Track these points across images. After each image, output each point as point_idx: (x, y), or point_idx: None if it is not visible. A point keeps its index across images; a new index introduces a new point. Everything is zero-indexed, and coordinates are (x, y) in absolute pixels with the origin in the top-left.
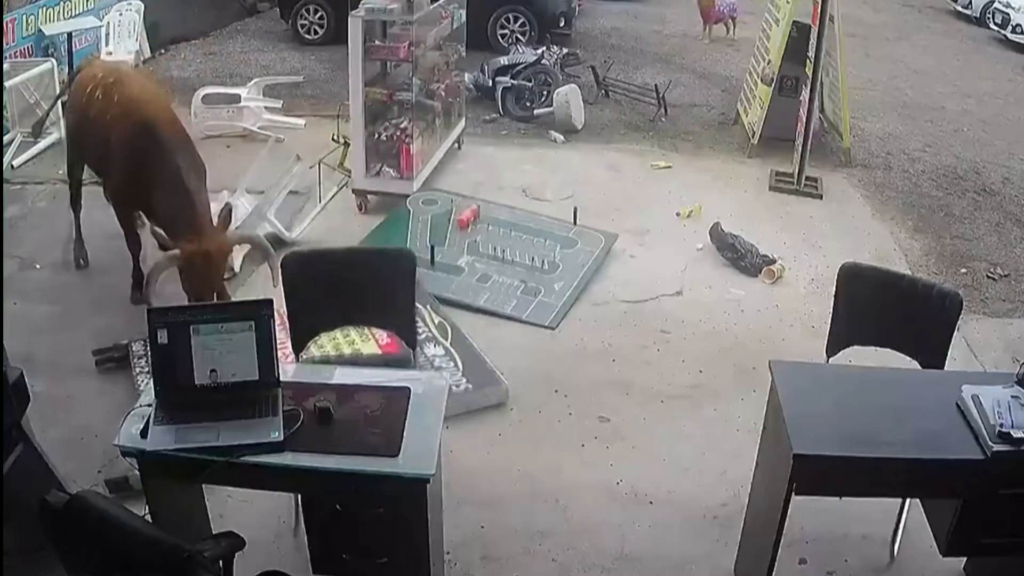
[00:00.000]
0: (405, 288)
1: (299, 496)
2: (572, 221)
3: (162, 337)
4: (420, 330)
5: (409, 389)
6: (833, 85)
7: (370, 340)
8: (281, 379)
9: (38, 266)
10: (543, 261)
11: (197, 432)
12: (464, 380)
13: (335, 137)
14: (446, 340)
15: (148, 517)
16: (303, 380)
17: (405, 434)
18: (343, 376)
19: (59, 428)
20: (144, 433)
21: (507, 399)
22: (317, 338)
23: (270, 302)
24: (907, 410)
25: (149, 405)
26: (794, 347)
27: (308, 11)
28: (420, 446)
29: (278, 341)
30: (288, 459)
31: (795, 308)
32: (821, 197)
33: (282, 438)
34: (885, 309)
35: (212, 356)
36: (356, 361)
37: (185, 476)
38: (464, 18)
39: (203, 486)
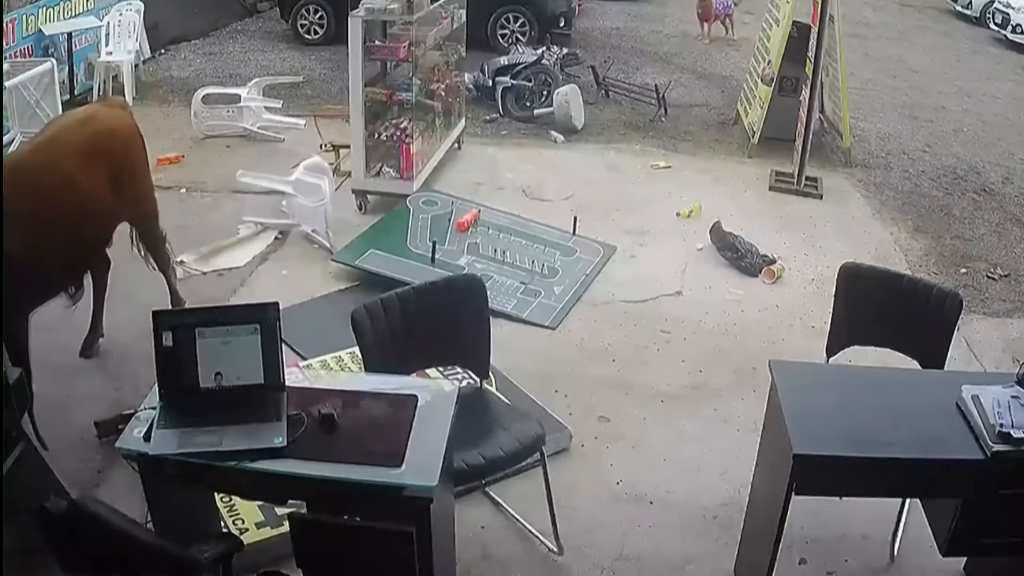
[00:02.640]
0: (478, 317)
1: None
2: (572, 231)
3: (167, 340)
4: (460, 376)
5: (416, 397)
6: (833, 85)
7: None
8: (287, 384)
9: None
10: (543, 266)
11: (201, 436)
12: None
13: (323, 145)
14: (491, 387)
15: (149, 518)
16: (309, 385)
17: (410, 444)
18: (349, 383)
19: (59, 428)
20: (147, 436)
21: (570, 444)
22: None
23: (276, 305)
24: (907, 410)
25: (153, 408)
26: (794, 347)
27: (308, 11)
28: (424, 457)
29: None
30: (289, 466)
31: (795, 308)
32: (821, 197)
33: (285, 443)
34: (885, 309)
35: (217, 359)
36: None
37: (188, 480)
38: (464, 18)
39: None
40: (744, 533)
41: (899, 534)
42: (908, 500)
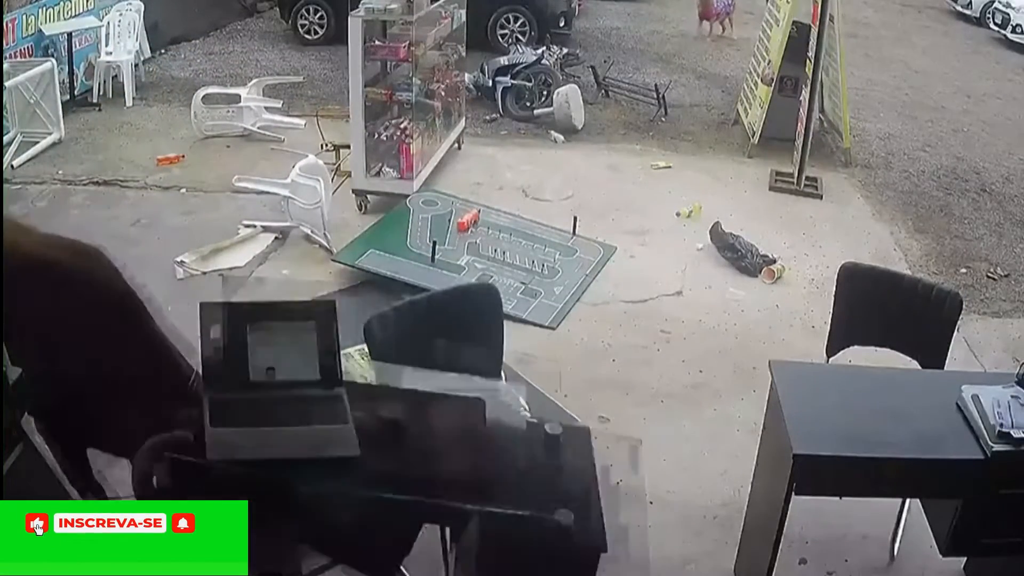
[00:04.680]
0: (493, 326)
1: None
2: (572, 231)
3: (215, 333)
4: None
5: (483, 403)
6: (833, 85)
7: None
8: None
9: None
10: (543, 266)
11: (258, 439)
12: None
13: (324, 145)
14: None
15: None
16: (363, 381)
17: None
18: (410, 379)
19: None
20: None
21: None
22: None
23: (332, 304)
24: (907, 410)
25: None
26: (794, 347)
27: (308, 11)
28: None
29: None
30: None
31: (795, 308)
32: (821, 197)
33: (357, 453)
34: (885, 309)
35: (269, 356)
36: None
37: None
38: (464, 18)
39: None
40: (744, 533)
41: (899, 534)
42: (908, 500)
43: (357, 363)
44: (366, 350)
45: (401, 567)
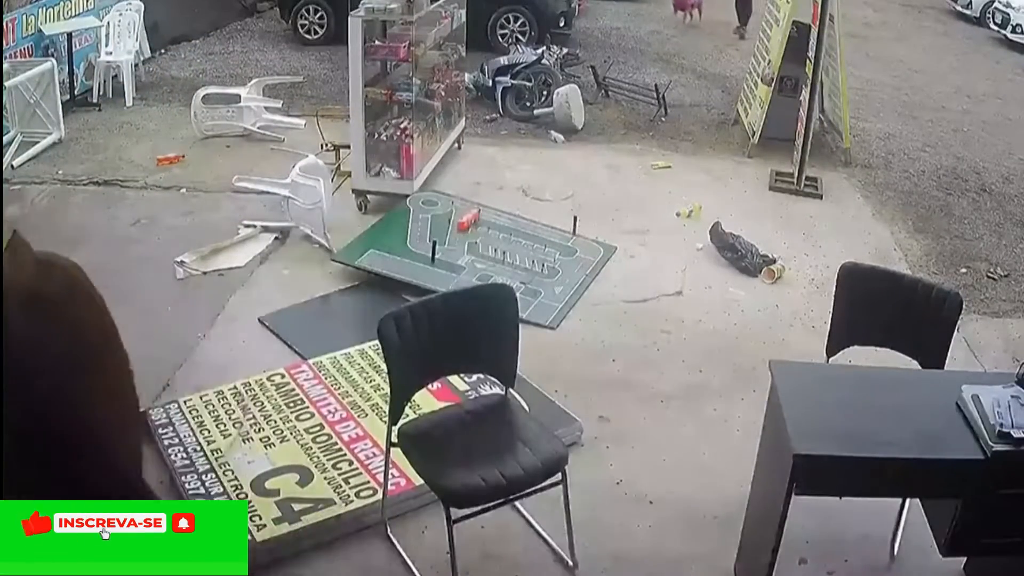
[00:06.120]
0: (508, 324)
1: None
2: (572, 231)
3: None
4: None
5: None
6: (833, 85)
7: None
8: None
9: None
10: (543, 266)
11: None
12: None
13: (324, 145)
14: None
15: None
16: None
17: None
18: None
19: None
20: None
21: (581, 438)
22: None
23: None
24: (907, 410)
25: None
26: (794, 347)
27: (308, 11)
28: None
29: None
30: None
31: (795, 308)
32: (821, 197)
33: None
34: (885, 309)
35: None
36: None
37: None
38: (464, 18)
39: None
40: (744, 533)
41: (899, 534)
42: (908, 500)
43: (357, 363)
44: (366, 350)
45: None
